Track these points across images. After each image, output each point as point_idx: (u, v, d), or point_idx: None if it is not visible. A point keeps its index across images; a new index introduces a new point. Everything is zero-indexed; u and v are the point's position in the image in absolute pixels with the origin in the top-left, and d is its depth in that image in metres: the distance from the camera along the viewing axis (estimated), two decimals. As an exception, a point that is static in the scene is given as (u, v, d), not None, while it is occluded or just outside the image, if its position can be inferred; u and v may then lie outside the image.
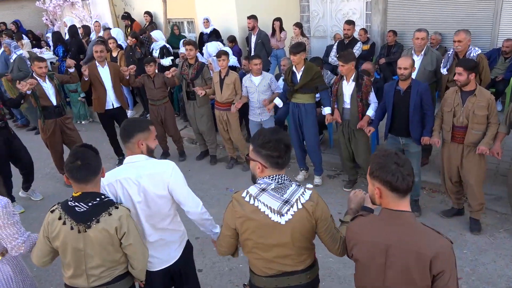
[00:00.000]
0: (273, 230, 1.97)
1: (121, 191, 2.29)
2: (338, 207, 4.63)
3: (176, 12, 8.99)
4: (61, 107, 5.14)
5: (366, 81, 4.52)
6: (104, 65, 5.59)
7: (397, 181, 1.68)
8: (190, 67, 5.62)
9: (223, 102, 5.47)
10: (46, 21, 11.41)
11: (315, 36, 8.92)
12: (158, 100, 5.86)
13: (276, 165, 1.99)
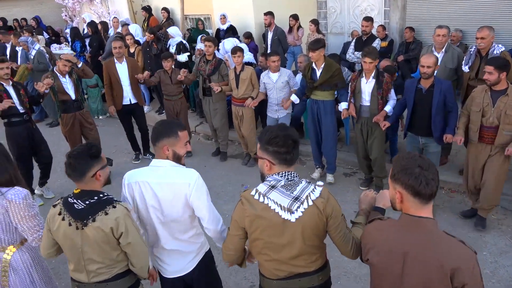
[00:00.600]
0: (283, 228, 1.92)
1: (138, 193, 2.28)
2: (353, 205, 4.58)
3: (193, 8, 9.02)
4: (79, 101, 5.24)
5: (386, 78, 4.45)
6: (122, 61, 5.63)
7: (420, 185, 1.59)
8: (208, 63, 5.62)
9: (239, 98, 5.47)
10: (65, 17, 11.58)
11: (332, 32, 8.83)
12: (174, 96, 5.91)
13: (284, 161, 1.96)
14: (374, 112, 4.50)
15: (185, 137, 2.32)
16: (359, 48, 6.25)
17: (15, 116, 4.66)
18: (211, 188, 5.18)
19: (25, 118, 4.75)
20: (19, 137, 4.72)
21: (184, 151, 2.33)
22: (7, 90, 4.60)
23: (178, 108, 5.97)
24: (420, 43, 7.18)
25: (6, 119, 4.67)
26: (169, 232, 2.35)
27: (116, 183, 4.88)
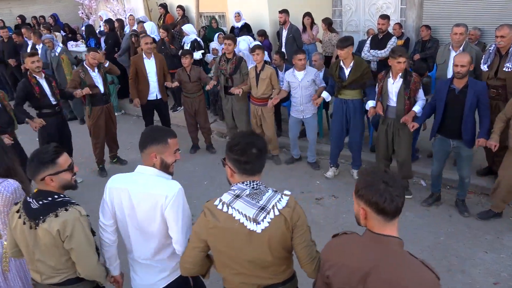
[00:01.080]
0: (249, 240, 1.82)
1: (117, 199, 2.17)
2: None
3: (208, 6, 9.04)
4: (107, 95, 5.42)
5: (415, 77, 4.28)
6: (151, 57, 5.69)
7: (385, 203, 1.52)
8: (228, 62, 5.55)
9: (258, 97, 5.40)
10: (81, 15, 11.71)
11: (347, 30, 8.76)
12: (193, 93, 5.89)
13: (244, 171, 1.86)
14: (400, 113, 4.35)
15: (175, 145, 2.19)
16: (374, 46, 6.18)
17: (47, 108, 4.90)
18: (223, 186, 5.24)
19: (56, 109, 4.98)
20: (50, 128, 4.93)
21: (173, 160, 2.18)
22: (40, 83, 4.83)
23: (196, 105, 5.97)
24: (437, 42, 7.08)
25: (38, 110, 4.93)
26: (144, 245, 2.21)
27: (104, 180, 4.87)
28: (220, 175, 5.51)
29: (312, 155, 5.54)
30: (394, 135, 4.51)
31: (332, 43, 7.51)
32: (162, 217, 2.08)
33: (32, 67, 4.73)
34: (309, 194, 4.93)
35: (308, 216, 4.32)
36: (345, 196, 4.81)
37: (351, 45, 4.54)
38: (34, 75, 4.79)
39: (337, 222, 4.31)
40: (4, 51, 8.50)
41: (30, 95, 4.80)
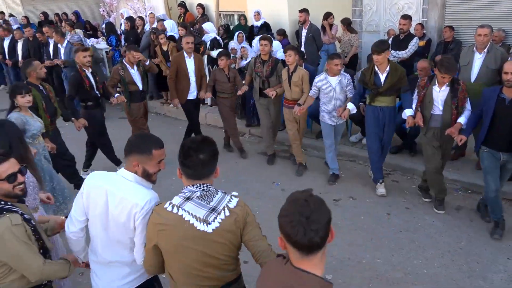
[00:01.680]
0: (200, 240, 1.83)
1: (93, 196, 2.10)
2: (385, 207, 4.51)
3: (227, 4, 9.07)
4: (145, 92, 5.58)
5: (462, 85, 4.04)
6: (191, 56, 5.73)
7: (297, 236, 1.37)
8: (264, 64, 5.36)
9: (292, 99, 5.18)
10: (102, 12, 11.89)
11: (367, 31, 8.67)
12: (230, 93, 5.80)
13: (187, 175, 1.89)
14: (447, 121, 4.09)
15: (160, 156, 2.11)
16: (395, 47, 6.12)
17: (93, 100, 5.16)
18: (240, 184, 5.29)
19: (99, 102, 5.27)
20: (95, 119, 5.21)
21: (155, 170, 2.12)
22: (88, 76, 5.12)
23: (233, 105, 5.99)
24: (460, 43, 6.95)
25: (84, 102, 5.18)
26: (110, 248, 2.16)
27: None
28: (237, 174, 5.53)
29: (337, 164, 5.23)
30: (441, 145, 4.23)
31: (351, 43, 7.45)
32: (133, 224, 2.04)
33: (83, 61, 5.04)
34: (326, 194, 4.90)
35: (326, 217, 4.36)
36: (363, 198, 4.77)
37: (388, 49, 4.34)
38: (84, 69, 5.08)
39: (355, 224, 4.27)
40: (30, 49, 8.61)
41: (80, 88, 5.07)
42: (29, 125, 3.88)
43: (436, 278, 3.48)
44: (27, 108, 3.96)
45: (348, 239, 4.04)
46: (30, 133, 3.89)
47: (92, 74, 5.18)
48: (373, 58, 4.38)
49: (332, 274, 3.56)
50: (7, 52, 9.13)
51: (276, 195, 4.92)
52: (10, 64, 9.13)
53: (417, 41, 6.10)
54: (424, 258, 3.72)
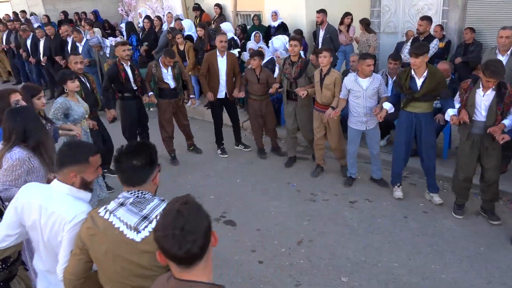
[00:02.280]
0: (128, 249, 1.76)
1: (27, 212, 2.05)
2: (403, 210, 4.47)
3: (244, 4, 9.08)
4: (177, 91, 5.69)
5: (510, 90, 3.76)
6: (224, 55, 5.70)
7: (172, 249, 1.32)
8: (293, 65, 5.17)
9: (323, 104, 4.96)
10: (121, 12, 12.01)
11: (385, 32, 8.59)
12: (261, 95, 5.66)
13: (123, 181, 1.84)
14: None
15: (96, 162, 2.09)
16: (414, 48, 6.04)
17: (128, 92, 5.43)
18: (256, 184, 5.29)
19: (136, 94, 5.49)
20: (130, 109, 5.48)
21: (94, 176, 2.11)
22: (126, 69, 5.36)
23: (264, 109, 5.72)
24: (480, 45, 6.84)
25: (121, 94, 5.45)
26: (53, 261, 2.08)
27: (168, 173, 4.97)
28: (253, 174, 5.53)
29: (378, 170, 5.01)
30: (482, 154, 4.00)
31: (369, 44, 7.39)
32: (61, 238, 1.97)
33: (122, 55, 5.28)
34: (342, 196, 4.87)
35: (341, 219, 4.35)
36: (379, 200, 4.72)
37: (427, 52, 4.13)
38: (122, 62, 5.32)
39: (372, 227, 4.23)
40: (51, 47, 8.75)
41: (115, 79, 5.33)
42: (72, 110, 4.20)
43: (454, 284, 3.42)
44: (74, 93, 4.29)
45: (364, 241, 4.00)
46: (72, 117, 4.23)
47: (131, 68, 5.42)
48: (411, 61, 4.18)
49: (347, 277, 3.54)
50: (30, 51, 9.30)
51: (292, 196, 4.91)
52: (33, 62, 9.30)
53: (437, 42, 6.02)
54: (442, 263, 3.66)
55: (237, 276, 3.62)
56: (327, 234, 4.15)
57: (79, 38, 7.68)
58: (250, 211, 4.64)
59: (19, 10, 13.62)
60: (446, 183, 4.94)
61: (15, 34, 10.14)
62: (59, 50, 8.57)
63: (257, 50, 6.01)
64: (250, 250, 3.96)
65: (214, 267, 3.62)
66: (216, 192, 5.09)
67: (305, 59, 5.30)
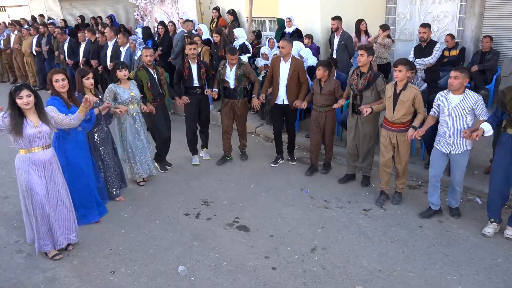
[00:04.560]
0: None
1: None
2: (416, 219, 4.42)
3: (259, 10, 9.11)
4: (236, 91, 5.79)
5: None
6: (287, 60, 5.51)
7: None
8: (361, 76, 4.77)
9: (393, 122, 4.49)
10: (137, 16, 12.17)
11: (400, 39, 8.56)
12: (321, 107, 5.30)
13: None
14: None
15: None
16: (419, 55, 6.04)
17: (191, 88, 5.77)
18: (270, 190, 5.29)
19: (197, 91, 5.79)
20: (192, 105, 5.79)
21: None
22: (191, 67, 5.69)
23: (322, 121, 5.35)
24: (497, 53, 6.78)
25: (185, 89, 5.81)
26: None
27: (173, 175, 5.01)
28: (266, 180, 5.53)
29: (453, 199, 4.47)
30: None
31: (384, 46, 7.32)
32: None
33: (189, 53, 5.65)
34: (356, 204, 4.84)
35: (355, 227, 4.32)
36: (394, 209, 4.68)
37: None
38: (189, 60, 5.67)
39: (386, 235, 4.19)
40: (90, 51, 8.88)
41: (181, 75, 5.73)
42: (118, 94, 4.95)
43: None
44: (126, 81, 5.01)
45: (378, 250, 3.97)
46: (118, 100, 4.95)
47: (197, 65, 5.72)
48: None
49: (362, 285, 3.51)
50: (67, 54, 9.54)
51: (305, 203, 4.89)
52: (71, 64, 9.47)
53: (440, 46, 6.01)
54: (458, 274, 3.61)
55: (251, 282, 3.61)
56: (341, 242, 4.12)
57: (124, 43, 7.74)
58: (263, 217, 4.63)
59: (37, 14, 13.92)
60: (462, 192, 4.89)
61: (47, 37, 10.32)
62: (95, 53, 8.69)
63: (324, 60, 5.61)
64: (263, 256, 3.95)
65: (228, 272, 3.67)
66: (229, 197, 5.10)
67: (376, 71, 4.86)
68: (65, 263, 3.92)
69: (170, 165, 6.03)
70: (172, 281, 3.65)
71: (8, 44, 11.60)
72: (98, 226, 4.52)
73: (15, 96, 3.43)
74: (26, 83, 3.60)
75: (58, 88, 4.01)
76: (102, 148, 4.84)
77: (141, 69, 5.43)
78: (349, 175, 5.37)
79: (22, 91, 3.43)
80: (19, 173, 3.65)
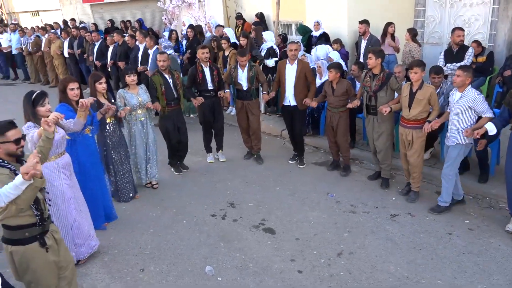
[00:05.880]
0: None
1: None
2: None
3: (286, 14, 9.14)
4: (250, 93, 5.93)
5: None
6: (293, 63, 5.65)
7: None
8: (374, 78, 4.96)
9: (410, 119, 4.69)
10: (164, 20, 12.41)
11: (428, 42, 8.42)
12: (335, 108, 5.45)
13: None
14: None
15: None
16: (450, 60, 5.92)
17: (204, 91, 5.87)
18: (295, 194, 5.30)
19: (211, 94, 5.90)
20: (204, 106, 5.89)
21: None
22: (204, 71, 5.80)
23: (335, 121, 5.47)
24: (532, 57, 6.58)
25: (199, 92, 5.94)
26: None
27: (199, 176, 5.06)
28: (292, 183, 5.54)
29: (442, 196, 4.60)
30: None
31: (412, 54, 7.25)
32: None
33: (201, 57, 5.74)
34: (383, 209, 4.79)
35: (382, 233, 4.28)
36: (422, 215, 4.61)
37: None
38: (202, 64, 5.77)
39: (414, 242, 4.14)
40: (117, 54, 9.16)
41: (194, 79, 5.83)
42: (126, 100, 5.05)
43: (503, 306, 3.29)
44: (135, 86, 5.13)
45: (406, 257, 3.92)
46: (127, 105, 5.04)
47: (210, 69, 5.82)
48: None
49: (389, 292, 3.48)
50: (95, 55, 9.86)
51: (331, 207, 4.88)
52: (99, 65, 9.79)
53: (472, 51, 5.89)
54: (490, 283, 3.53)
55: (277, 284, 3.64)
56: (368, 247, 4.09)
57: (151, 45, 7.95)
58: (289, 220, 4.65)
59: (69, 18, 14.38)
60: (493, 200, 4.77)
61: (79, 40, 10.67)
62: (123, 56, 8.94)
63: (335, 62, 5.76)
64: (289, 259, 3.96)
65: (254, 274, 3.70)
66: (255, 199, 5.14)
67: (388, 71, 5.07)
68: (97, 260, 4.04)
69: (186, 169, 6.09)
70: (200, 280, 3.71)
71: (36, 47, 12.02)
72: (127, 225, 4.64)
73: (38, 104, 3.36)
74: (44, 91, 3.48)
75: (72, 96, 3.95)
76: (114, 152, 4.89)
77: (156, 74, 5.47)
78: (378, 172, 5.48)
79: (46, 98, 3.42)
80: (50, 180, 3.56)
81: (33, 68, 12.75)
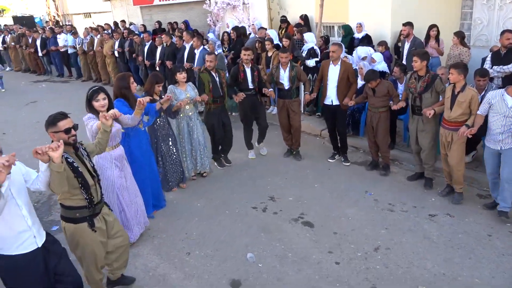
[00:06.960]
0: None
1: None
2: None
3: (329, 16, 9.25)
4: (291, 92, 6.14)
5: None
6: (336, 64, 5.85)
7: None
8: (419, 80, 5.03)
9: (450, 121, 4.74)
10: (209, 22, 12.81)
11: (475, 45, 8.25)
12: (375, 108, 5.57)
13: None
14: None
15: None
16: (497, 62, 5.82)
17: (245, 90, 6.13)
18: (334, 191, 5.44)
19: (252, 92, 6.17)
20: (245, 104, 6.18)
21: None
22: (246, 71, 6.10)
23: (375, 121, 5.58)
24: None
25: (241, 91, 6.15)
26: None
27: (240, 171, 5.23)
28: (331, 181, 5.68)
29: (502, 200, 4.48)
30: None
31: (461, 58, 7.16)
32: None
33: (244, 58, 6.06)
34: (422, 209, 4.84)
35: (420, 231, 4.36)
36: (461, 216, 4.62)
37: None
38: (244, 64, 6.07)
39: (452, 241, 4.18)
40: (165, 54, 9.65)
41: (236, 78, 6.13)
42: (175, 94, 5.35)
43: (542, 307, 3.30)
44: (184, 83, 5.46)
45: (443, 255, 3.98)
46: (176, 100, 5.32)
47: (251, 69, 6.11)
48: None
49: (425, 286, 3.56)
50: (146, 55, 10.42)
51: (369, 205, 4.98)
52: (148, 64, 10.35)
53: None
54: (529, 285, 3.54)
55: (315, 273, 3.81)
56: (405, 244, 4.18)
57: (198, 45, 8.34)
58: (327, 215, 4.80)
59: (120, 19, 15.15)
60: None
61: (130, 40, 11.30)
62: (171, 56, 9.43)
63: (371, 70, 5.84)
64: (327, 251, 4.13)
65: (293, 263, 3.90)
66: (294, 195, 5.32)
67: (433, 73, 5.13)
68: (147, 242, 4.38)
69: (229, 163, 6.38)
70: (242, 266, 3.95)
71: (90, 46, 12.78)
72: (174, 213, 4.97)
73: (92, 99, 3.63)
74: (102, 87, 3.73)
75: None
76: (163, 144, 5.27)
77: (204, 72, 5.79)
78: (418, 173, 5.54)
79: (100, 94, 3.62)
80: (103, 170, 3.88)
81: (86, 66, 13.54)
